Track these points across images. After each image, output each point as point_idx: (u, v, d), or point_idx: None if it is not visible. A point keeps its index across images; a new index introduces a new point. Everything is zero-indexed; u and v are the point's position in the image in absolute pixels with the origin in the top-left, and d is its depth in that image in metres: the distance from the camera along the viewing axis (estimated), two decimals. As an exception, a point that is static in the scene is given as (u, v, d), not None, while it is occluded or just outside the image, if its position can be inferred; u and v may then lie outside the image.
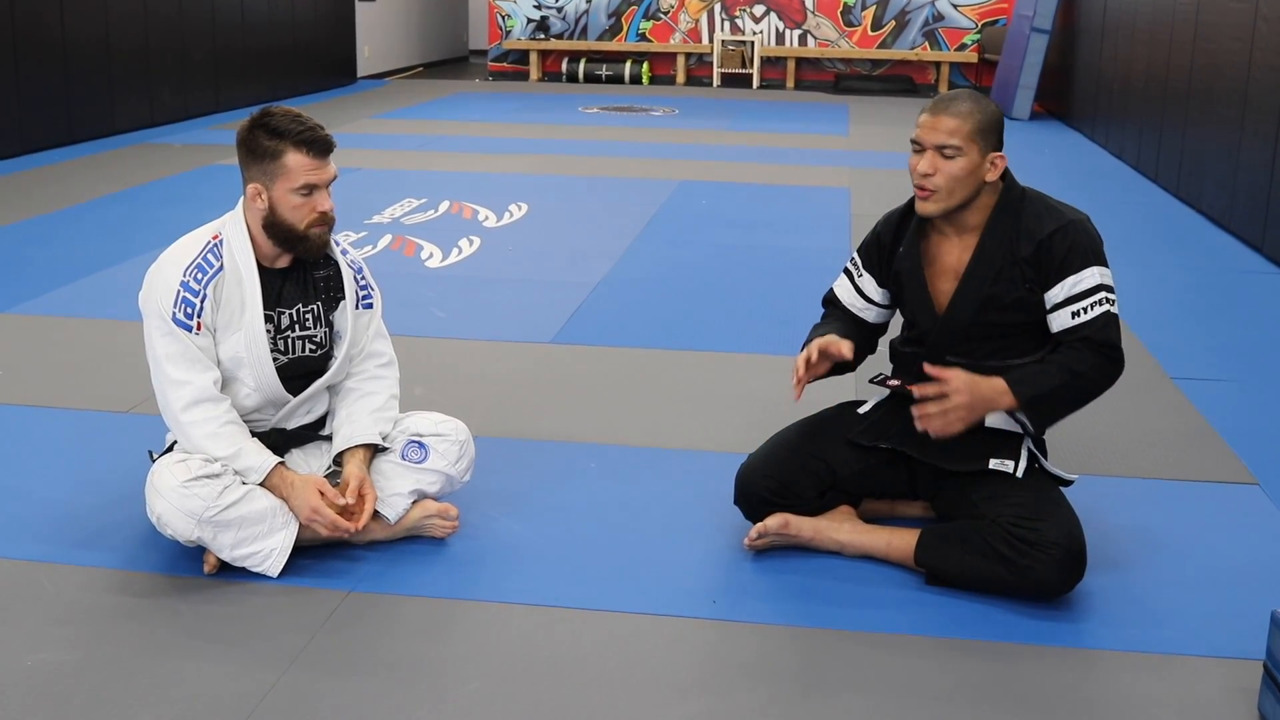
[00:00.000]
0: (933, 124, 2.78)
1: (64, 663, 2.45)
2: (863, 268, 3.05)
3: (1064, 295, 2.78)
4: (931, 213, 2.82)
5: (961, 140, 2.76)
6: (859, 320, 3.07)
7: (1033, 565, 2.66)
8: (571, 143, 10.09)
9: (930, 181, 2.78)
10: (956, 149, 2.76)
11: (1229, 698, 2.41)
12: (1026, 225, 2.82)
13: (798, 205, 7.54)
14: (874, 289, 3.04)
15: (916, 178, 2.80)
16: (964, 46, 15.04)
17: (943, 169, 2.77)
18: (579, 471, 3.44)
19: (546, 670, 2.47)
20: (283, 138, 2.79)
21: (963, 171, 2.77)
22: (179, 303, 2.79)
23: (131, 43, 10.03)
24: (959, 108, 2.78)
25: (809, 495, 2.95)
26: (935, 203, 2.81)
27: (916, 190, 2.82)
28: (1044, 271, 2.80)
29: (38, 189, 7.62)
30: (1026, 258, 2.80)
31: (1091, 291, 2.77)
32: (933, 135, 2.77)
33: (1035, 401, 2.75)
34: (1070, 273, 2.77)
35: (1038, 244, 2.79)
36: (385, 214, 6.96)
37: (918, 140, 2.80)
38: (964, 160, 2.77)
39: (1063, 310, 2.79)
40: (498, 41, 16.25)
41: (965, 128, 2.76)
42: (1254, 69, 6.64)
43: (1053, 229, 2.80)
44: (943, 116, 2.77)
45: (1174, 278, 5.94)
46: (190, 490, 2.70)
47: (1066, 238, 2.78)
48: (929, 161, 2.78)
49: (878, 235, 3.04)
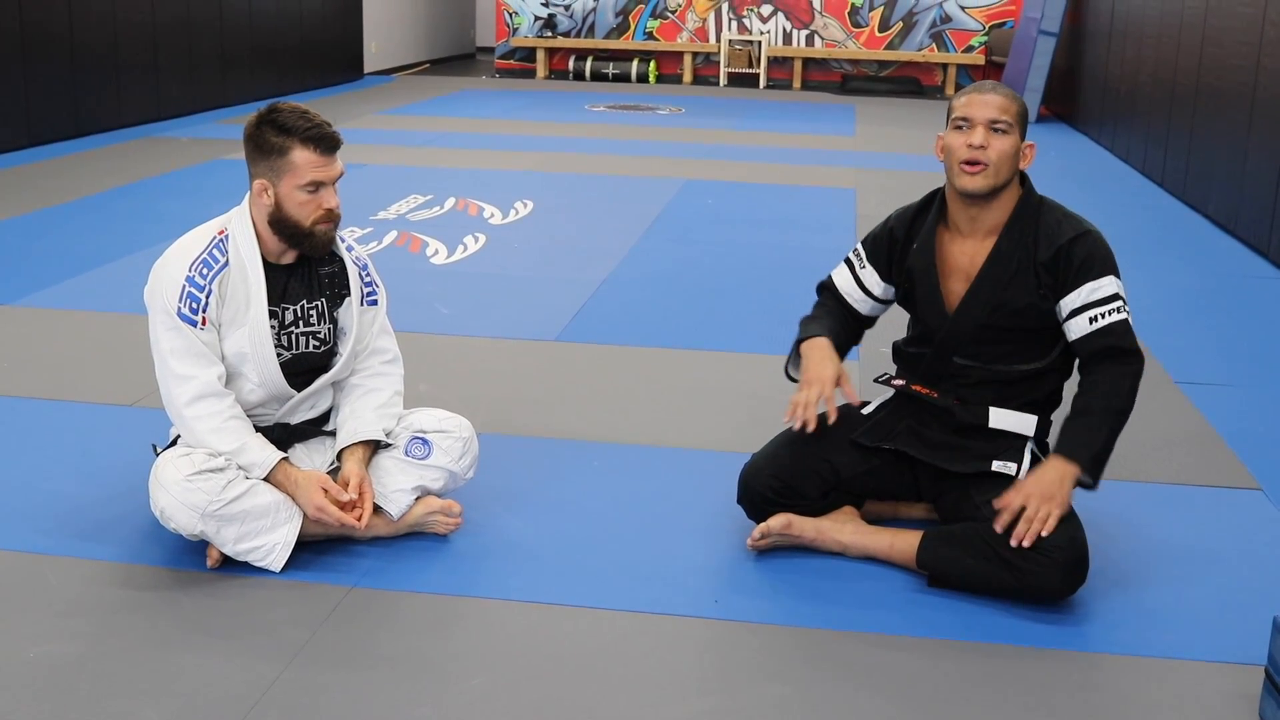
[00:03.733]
0: (983, 101, 2.81)
1: (67, 655, 2.46)
2: (866, 259, 3.05)
3: (1081, 301, 2.79)
4: (980, 188, 2.81)
5: (1011, 118, 2.81)
6: (851, 310, 3.07)
7: (1035, 569, 2.66)
8: (578, 141, 10.09)
9: (983, 155, 2.79)
10: (1009, 124, 2.80)
11: (1230, 703, 2.40)
12: (1045, 230, 2.83)
13: (803, 205, 7.53)
14: (875, 282, 3.04)
15: (966, 152, 2.80)
16: (971, 48, 15.03)
17: (994, 144, 2.79)
18: (582, 469, 3.44)
19: (548, 667, 2.47)
20: (290, 134, 2.79)
21: (1011, 149, 2.81)
22: (184, 298, 2.80)
23: (139, 36, 10.04)
24: (1004, 90, 2.84)
25: (812, 496, 2.95)
26: (985, 177, 2.81)
27: (964, 166, 2.81)
28: (1060, 277, 2.80)
29: (44, 182, 7.63)
30: (1044, 262, 2.81)
31: (1109, 299, 2.79)
32: (985, 110, 2.80)
33: (1097, 461, 2.76)
34: (1089, 279, 2.79)
35: (1057, 249, 2.80)
36: (391, 210, 6.96)
37: (966, 117, 2.81)
38: (1012, 139, 2.81)
39: (1080, 316, 2.80)
40: (505, 39, 16.25)
41: (1013, 108, 2.82)
42: (1261, 73, 6.63)
43: (1073, 235, 2.81)
44: (991, 95, 2.82)
45: (1179, 282, 5.93)
46: (194, 484, 2.71)
47: (1086, 245, 2.81)
48: (982, 135, 2.79)
49: (890, 229, 3.03)
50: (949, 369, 2.92)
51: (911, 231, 2.98)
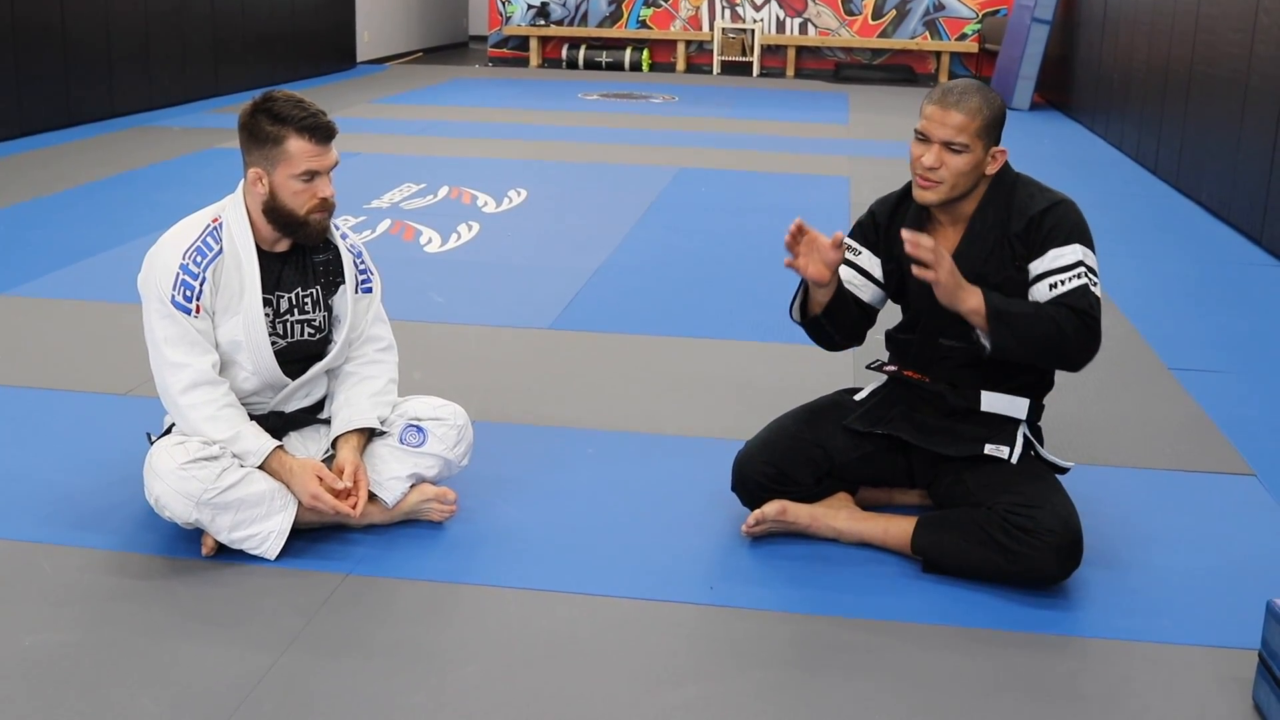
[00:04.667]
0: (941, 118, 2.76)
1: (62, 644, 2.46)
2: (859, 246, 3.02)
3: (1044, 268, 2.77)
4: (931, 201, 2.82)
5: (968, 138, 2.75)
6: (854, 297, 3.01)
7: (1029, 553, 2.67)
8: (571, 129, 10.08)
9: (935, 174, 2.78)
10: (964, 146, 2.76)
11: (1224, 687, 2.41)
12: (1019, 204, 2.83)
13: (797, 193, 7.53)
14: (875, 265, 3.00)
15: (920, 168, 2.79)
16: (964, 36, 15.02)
17: (948, 163, 2.77)
18: (577, 457, 3.44)
19: (543, 654, 2.47)
20: (285, 123, 2.79)
21: (967, 166, 2.78)
22: (178, 285, 2.79)
23: (131, 25, 10.01)
24: (969, 104, 2.76)
25: (806, 482, 2.95)
26: (936, 194, 2.81)
27: (918, 180, 2.82)
28: (1030, 245, 2.80)
29: (37, 171, 7.61)
30: (1018, 233, 2.81)
31: (1072, 266, 2.75)
32: (941, 130, 2.76)
33: (1001, 316, 2.69)
34: (1053, 246, 2.77)
35: (1029, 220, 2.80)
36: (384, 199, 6.95)
37: (924, 132, 2.79)
38: (969, 156, 2.77)
39: (1041, 283, 2.77)
40: (498, 27, 16.21)
41: (973, 125, 2.76)
42: (1255, 60, 6.63)
43: (1045, 206, 2.81)
44: (952, 111, 2.76)
45: (1173, 269, 5.94)
46: (188, 472, 2.71)
47: (1055, 214, 2.80)
48: (935, 155, 2.77)
49: (873, 215, 3.03)
50: (938, 352, 2.92)
51: (894, 218, 2.98)
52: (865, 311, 3.04)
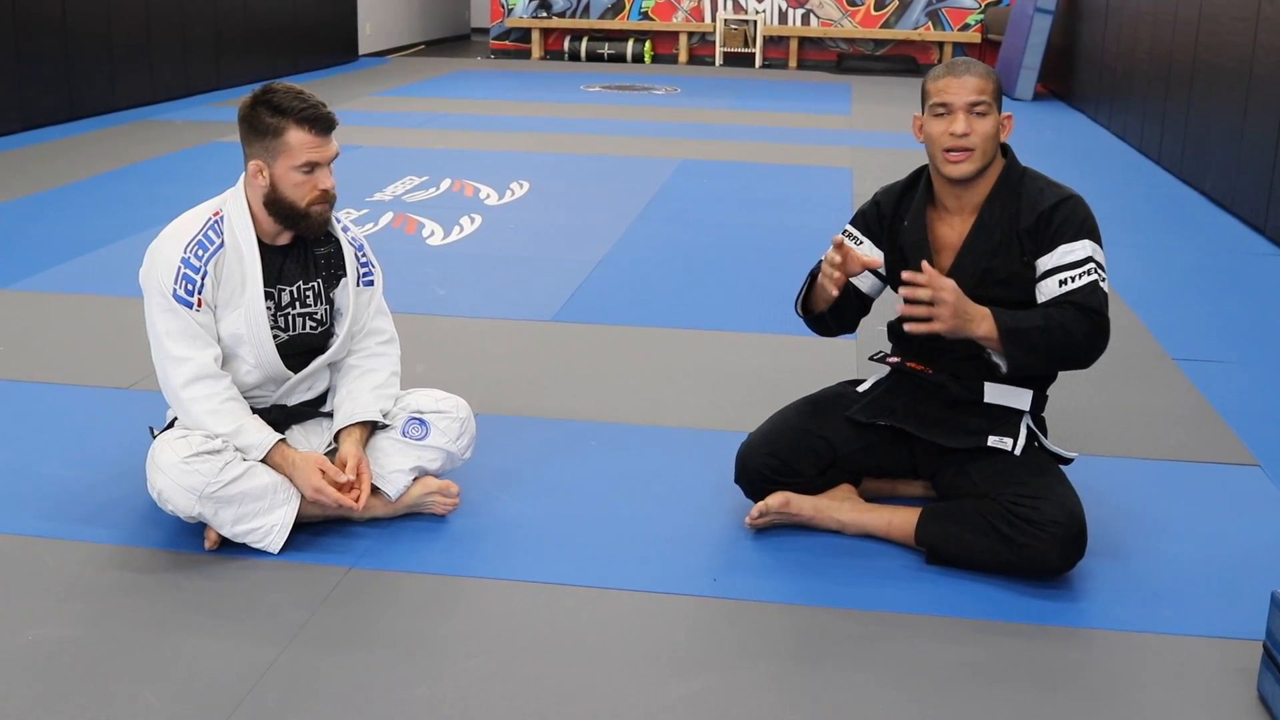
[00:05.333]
0: (960, 84, 2.78)
1: (65, 638, 2.46)
2: (861, 235, 3.01)
3: (1053, 264, 2.77)
4: (967, 173, 2.80)
5: (990, 98, 2.79)
6: (852, 288, 3.00)
7: (1033, 544, 2.66)
8: (573, 121, 10.06)
9: (968, 141, 2.78)
10: (987, 105, 2.78)
11: (1228, 678, 2.41)
12: (1028, 198, 2.83)
13: (800, 185, 7.52)
14: (875, 252, 2.99)
15: (949, 140, 2.78)
16: (967, 26, 14.99)
17: (977, 128, 2.78)
18: (579, 449, 3.44)
19: (546, 647, 2.47)
20: (285, 115, 2.78)
21: (993, 129, 2.80)
22: (180, 279, 2.79)
23: (133, 19, 10.00)
24: (979, 68, 2.81)
25: (809, 473, 2.94)
26: (972, 162, 2.80)
27: (948, 155, 2.80)
28: (1040, 241, 2.80)
29: (39, 165, 7.61)
30: (1027, 228, 2.80)
31: (1082, 263, 2.76)
32: (964, 94, 2.77)
33: (1014, 335, 2.70)
34: (1063, 241, 2.77)
35: (1039, 215, 2.80)
36: (387, 191, 6.94)
37: (945, 103, 2.79)
38: (992, 118, 2.79)
39: (1050, 278, 2.77)
40: (500, 19, 16.20)
41: (990, 86, 2.80)
42: (1258, 49, 6.61)
43: (1055, 201, 2.80)
44: (967, 77, 2.79)
45: (1176, 259, 5.93)
46: (191, 466, 2.70)
47: (1065, 210, 2.80)
48: (964, 121, 2.77)
49: (877, 204, 3.02)
50: (941, 343, 2.91)
51: (899, 208, 2.97)
52: (862, 301, 3.05)
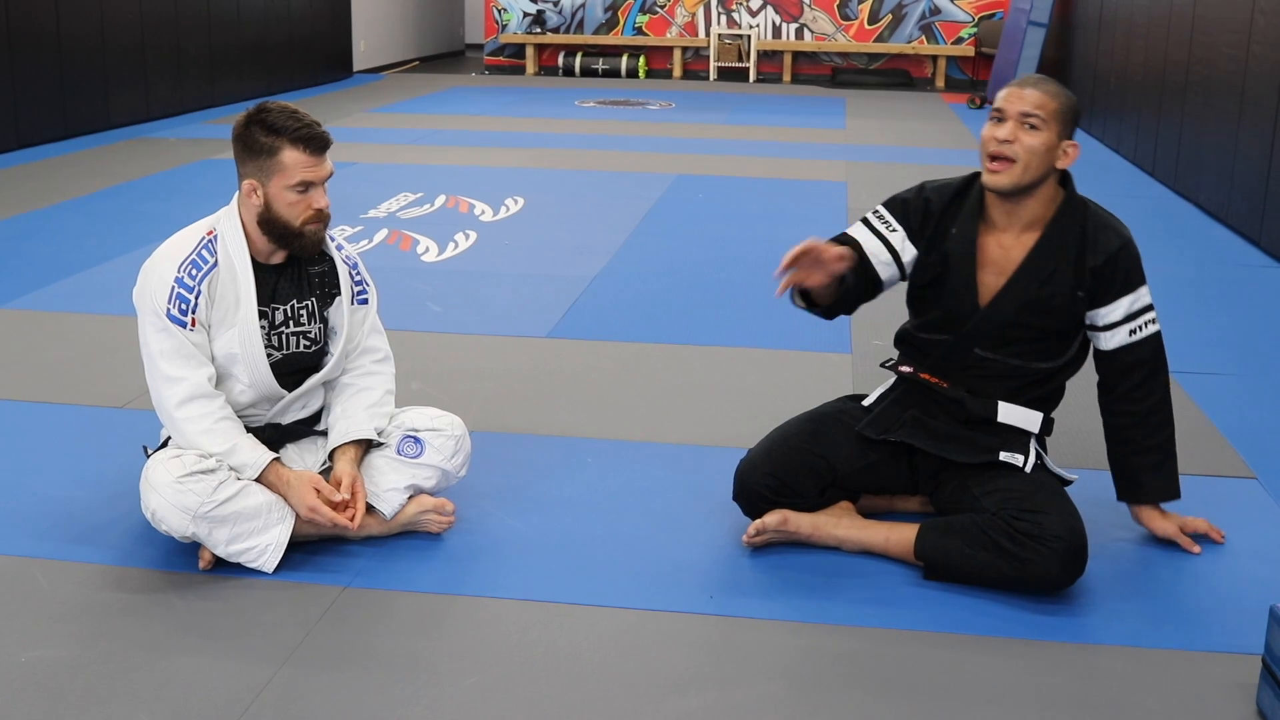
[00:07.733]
0: (1019, 94, 2.77)
1: (59, 659, 2.44)
2: (896, 223, 2.93)
3: (1124, 313, 2.83)
4: (1002, 185, 2.77)
5: (1046, 114, 2.75)
6: (871, 273, 2.94)
7: (1033, 558, 2.65)
8: (568, 137, 10.07)
9: (1009, 149, 2.75)
10: (1041, 121, 2.75)
11: (1227, 692, 2.40)
12: (1093, 235, 2.82)
13: (795, 199, 7.53)
14: (906, 247, 2.92)
15: (993, 146, 2.76)
16: (960, 40, 15.03)
17: (1022, 140, 2.75)
18: (576, 466, 3.43)
19: (543, 665, 2.46)
20: (279, 134, 2.78)
21: (1041, 146, 2.75)
22: (173, 298, 2.78)
23: (127, 36, 10.00)
24: (1047, 86, 2.80)
25: (809, 493, 2.93)
26: (1009, 175, 2.77)
27: (989, 163, 2.78)
28: (1104, 285, 2.81)
29: (32, 183, 7.60)
30: (1094, 268, 2.80)
31: (1146, 309, 2.85)
32: (1018, 104, 2.76)
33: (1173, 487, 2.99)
34: (1131, 290, 2.83)
35: (1108, 257, 2.80)
36: (381, 208, 6.94)
37: (1000, 110, 2.78)
38: (1044, 136, 2.75)
39: (1121, 327, 2.84)
40: (494, 35, 16.22)
41: (1050, 105, 2.76)
42: (1251, 62, 6.63)
43: (1120, 244, 2.82)
44: (1029, 89, 2.78)
45: (1171, 271, 5.92)
46: (185, 486, 2.69)
47: (1130, 255, 2.83)
48: (1010, 129, 2.75)
49: (926, 200, 2.93)
50: (967, 360, 2.88)
51: (949, 211, 2.91)
52: (873, 287, 2.96)
